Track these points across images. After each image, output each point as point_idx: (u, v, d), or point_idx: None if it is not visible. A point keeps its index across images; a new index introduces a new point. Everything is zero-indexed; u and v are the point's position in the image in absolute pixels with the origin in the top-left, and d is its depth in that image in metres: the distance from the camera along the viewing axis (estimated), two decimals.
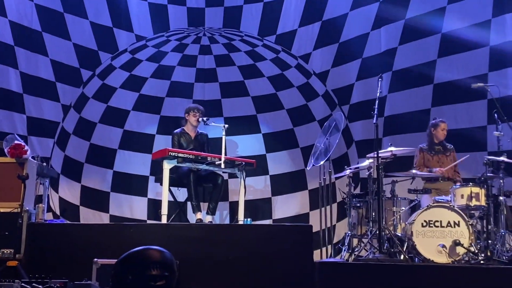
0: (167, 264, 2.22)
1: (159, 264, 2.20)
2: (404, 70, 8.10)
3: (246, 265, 5.24)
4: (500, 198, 5.79)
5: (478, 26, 7.52)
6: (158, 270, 2.18)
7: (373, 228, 6.00)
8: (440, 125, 6.84)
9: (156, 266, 2.18)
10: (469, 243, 5.59)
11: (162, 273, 2.19)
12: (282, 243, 5.37)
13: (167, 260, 2.24)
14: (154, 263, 2.19)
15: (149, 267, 2.17)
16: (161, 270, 2.19)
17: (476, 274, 5.16)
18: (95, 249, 5.17)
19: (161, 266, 2.19)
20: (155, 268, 2.18)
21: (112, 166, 8.60)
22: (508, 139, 6.20)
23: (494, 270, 5.20)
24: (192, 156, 6.47)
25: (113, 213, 8.41)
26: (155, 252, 2.24)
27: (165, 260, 2.23)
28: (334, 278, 5.24)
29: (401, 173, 6.40)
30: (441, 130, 6.83)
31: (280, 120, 8.76)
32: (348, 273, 5.30)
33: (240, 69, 8.89)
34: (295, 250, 5.33)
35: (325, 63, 8.67)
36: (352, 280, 5.17)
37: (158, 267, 2.19)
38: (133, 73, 8.83)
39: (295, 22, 8.70)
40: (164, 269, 2.20)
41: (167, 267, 2.22)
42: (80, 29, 8.52)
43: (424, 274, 5.24)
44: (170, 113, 8.72)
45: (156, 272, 2.18)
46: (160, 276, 2.18)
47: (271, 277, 5.19)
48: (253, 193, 8.40)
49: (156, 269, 2.18)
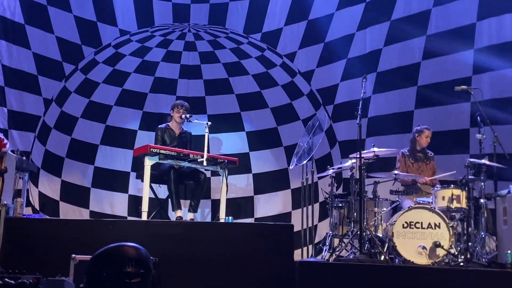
0: (142, 261, 2.18)
1: (135, 261, 2.16)
2: (388, 72, 8.10)
3: (227, 264, 5.22)
4: (481, 201, 5.80)
5: (463, 29, 7.54)
6: (133, 267, 2.14)
7: (354, 229, 6.01)
8: (425, 132, 6.85)
9: (131, 263, 2.14)
10: (449, 245, 5.61)
11: (137, 270, 2.15)
12: (262, 242, 5.35)
13: (142, 257, 2.20)
14: (129, 260, 2.15)
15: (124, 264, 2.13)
16: (136, 267, 2.15)
17: (455, 276, 5.17)
18: (73, 245, 5.09)
19: (136, 263, 2.15)
20: (130, 265, 2.14)
21: (93, 162, 8.51)
22: (490, 142, 6.22)
23: (474, 272, 5.22)
24: (174, 153, 6.42)
25: (93, 209, 8.34)
26: (131, 249, 2.19)
27: (141, 257, 2.19)
28: (314, 277, 5.23)
29: (383, 173, 6.42)
30: (425, 137, 6.85)
31: (264, 118, 8.74)
32: (328, 273, 5.28)
33: (224, 66, 8.86)
34: (276, 249, 5.32)
35: (310, 62, 8.66)
36: (332, 280, 5.16)
37: (133, 264, 2.15)
38: (116, 68, 8.75)
39: (281, 21, 8.68)
40: (139, 266, 2.16)
41: (143, 264, 2.18)
42: (64, 22, 8.41)
43: (404, 275, 5.24)
44: (153, 109, 8.68)
45: (131, 269, 2.14)
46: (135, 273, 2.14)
47: (251, 276, 5.17)
48: (235, 191, 8.36)
49: (131, 266, 2.14)
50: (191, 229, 5.58)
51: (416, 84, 7.86)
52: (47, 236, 5.35)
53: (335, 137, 8.53)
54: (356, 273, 5.21)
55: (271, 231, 5.56)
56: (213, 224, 6.66)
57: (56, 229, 5.49)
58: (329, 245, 6.31)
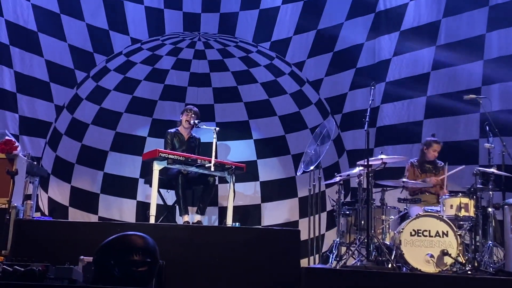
0: (149, 250, 2.21)
1: (142, 250, 2.18)
2: (397, 82, 8.13)
3: (233, 268, 5.21)
4: (489, 210, 5.80)
5: (473, 41, 7.56)
6: (140, 256, 2.17)
7: (361, 236, 6.00)
8: (433, 145, 6.85)
9: (138, 252, 2.17)
10: (457, 253, 5.59)
11: (144, 259, 2.17)
12: (269, 247, 5.34)
13: (149, 246, 2.22)
14: (137, 248, 2.17)
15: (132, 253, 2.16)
16: (143, 256, 2.17)
17: (463, 284, 5.13)
18: (81, 246, 5.11)
19: (143, 252, 2.18)
20: (138, 253, 2.17)
21: (103, 168, 8.57)
22: (498, 152, 6.21)
23: (481, 280, 5.19)
24: (182, 158, 6.46)
25: (102, 215, 8.37)
26: (138, 238, 2.22)
27: (148, 247, 2.22)
28: (321, 284, 5.20)
29: (391, 181, 6.41)
30: (433, 151, 6.85)
31: (272, 126, 8.77)
32: (334, 280, 5.25)
33: (233, 75, 8.91)
34: (282, 255, 5.30)
35: (319, 71, 8.69)
36: (339, 286, 5.14)
37: (140, 253, 2.17)
38: (127, 76, 8.83)
39: (290, 30, 8.73)
40: (146, 255, 2.19)
41: (150, 253, 2.20)
42: (76, 30, 8.49)
43: (411, 283, 5.21)
44: (163, 116, 8.73)
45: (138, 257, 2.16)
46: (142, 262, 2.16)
47: (257, 281, 5.16)
48: (242, 199, 8.37)
49: (139, 254, 2.17)
50: (198, 233, 5.58)
51: (426, 94, 7.87)
52: (56, 237, 5.38)
53: (343, 146, 8.54)
54: (362, 281, 5.18)
55: (278, 236, 5.55)
56: (220, 228, 6.68)
57: (65, 231, 5.51)
58: (336, 253, 6.30)
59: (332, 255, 6.30)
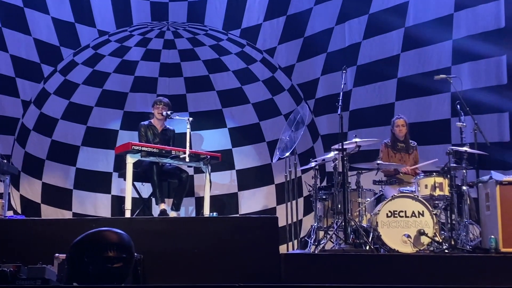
0: (124, 246, 2.15)
1: (116, 246, 2.12)
2: (368, 65, 8.16)
3: (212, 258, 5.17)
4: (463, 188, 5.85)
5: (441, 20, 7.60)
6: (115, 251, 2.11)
7: (338, 220, 6.01)
8: (396, 122, 6.90)
9: (113, 247, 2.11)
10: (434, 232, 5.64)
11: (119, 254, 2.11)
12: (247, 235, 5.30)
13: (124, 242, 2.17)
14: (111, 244, 2.11)
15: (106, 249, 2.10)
16: (118, 252, 2.11)
17: (440, 263, 5.19)
18: (56, 244, 5.01)
19: (118, 247, 2.12)
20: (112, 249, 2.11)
21: (75, 163, 8.45)
22: (470, 130, 6.26)
23: (458, 258, 5.26)
24: (156, 150, 6.39)
25: (76, 211, 8.26)
26: (112, 234, 2.16)
27: (123, 242, 2.16)
28: (300, 269, 5.21)
29: (366, 164, 6.42)
30: (397, 127, 6.88)
31: (246, 114, 8.73)
32: (313, 264, 5.28)
33: (204, 63, 8.83)
34: (261, 242, 5.27)
35: (290, 57, 8.68)
36: (318, 271, 5.15)
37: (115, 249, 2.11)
38: (96, 69, 8.69)
39: (260, 17, 8.67)
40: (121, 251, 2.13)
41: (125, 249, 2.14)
42: (41, 24, 8.34)
43: (390, 264, 5.26)
44: (134, 108, 8.63)
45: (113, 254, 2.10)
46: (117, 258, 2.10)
47: (237, 270, 5.13)
48: (219, 188, 8.33)
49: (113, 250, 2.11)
50: (175, 225, 5.53)
51: (396, 76, 7.91)
52: (29, 236, 5.27)
53: (317, 131, 8.55)
54: (341, 264, 5.21)
55: (256, 224, 5.52)
56: (197, 219, 6.64)
57: (38, 229, 5.40)
58: (314, 238, 6.30)
59: (311, 240, 6.30)
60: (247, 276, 5.05)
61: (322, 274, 5.10)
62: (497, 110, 7.07)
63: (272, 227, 5.38)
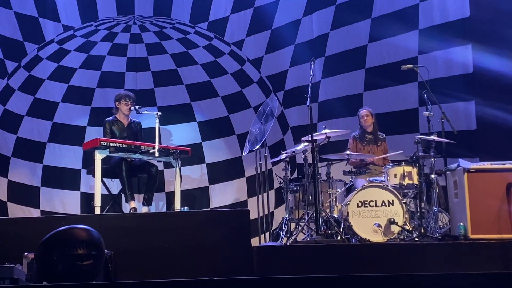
0: (94, 243, 2.12)
1: (86, 243, 2.09)
2: (336, 56, 8.20)
3: (184, 253, 5.16)
4: (432, 177, 5.92)
5: (407, 11, 7.67)
6: (84, 249, 2.07)
7: (309, 211, 6.03)
8: (360, 113, 7.01)
9: (82, 245, 2.07)
10: (404, 221, 5.70)
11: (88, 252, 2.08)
12: (219, 229, 5.30)
13: (94, 239, 2.13)
14: (80, 242, 2.08)
15: (75, 246, 2.06)
16: (87, 250, 2.08)
17: (411, 251, 5.26)
18: (25, 243, 4.92)
19: (87, 245, 2.09)
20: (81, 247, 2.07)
21: (42, 160, 8.29)
22: (437, 119, 6.34)
23: (428, 246, 5.32)
24: (124, 145, 6.32)
25: (44, 209, 8.13)
26: (81, 231, 2.13)
27: (92, 239, 2.13)
28: (272, 261, 5.22)
29: (335, 155, 6.46)
30: (362, 118, 6.96)
31: (215, 107, 8.69)
32: (286, 256, 5.30)
33: (172, 57, 8.75)
34: (233, 236, 5.28)
35: (258, 49, 8.66)
36: (290, 262, 5.17)
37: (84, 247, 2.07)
38: (61, 64, 8.54)
39: (227, 9, 8.63)
40: (91, 248, 2.09)
41: (94, 246, 2.11)
42: (4, 19, 8.17)
43: (361, 253, 5.30)
44: (102, 104, 8.50)
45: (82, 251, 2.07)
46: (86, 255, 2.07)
47: (209, 264, 5.12)
48: (189, 182, 8.29)
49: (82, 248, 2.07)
50: (146, 221, 5.50)
51: (364, 67, 7.96)
52: None
53: (287, 123, 8.57)
54: (313, 254, 5.23)
55: (227, 217, 5.52)
56: (168, 214, 6.59)
57: (6, 228, 5.31)
58: (286, 229, 6.31)
59: (282, 232, 6.31)
60: (220, 270, 5.04)
61: (295, 265, 5.11)
62: (464, 99, 7.17)
63: (244, 220, 5.38)
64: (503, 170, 5.46)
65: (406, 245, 5.46)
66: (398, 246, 5.45)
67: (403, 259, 5.17)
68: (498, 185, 5.35)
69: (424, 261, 5.11)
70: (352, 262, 5.12)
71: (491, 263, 5.04)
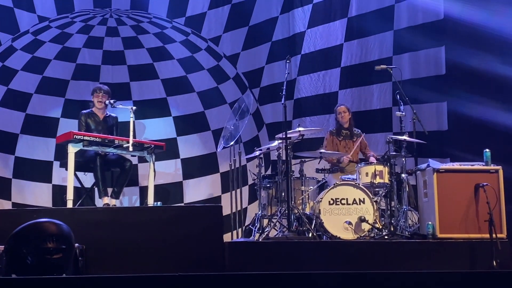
0: (63, 237, 2.13)
1: (55, 236, 2.10)
2: (312, 54, 8.28)
3: (156, 248, 5.15)
4: (403, 176, 6.01)
5: (383, 11, 7.77)
6: (54, 243, 2.08)
7: (282, 208, 6.08)
8: (337, 109, 7.05)
9: (52, 239, 2.08)
10: (374, 219, 5.78)
11: (58, 246, 2.09)
12: (192, 224, 5.30)
13: (64, 232, 2.14)
14: (50, 235, 2.09)
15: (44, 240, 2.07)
16: (57, 243, 2.09)
17: (380, 249, 5.35)
18: None
19: (57, 238, 2.09)
20: (51, 241, 2.08)
21: (14, 152, 8.19)
22: (409, 120, 6.44)
23: (397, 244, 5.42)
24: (98, 139, 6.26)
25: (16, 201, 8.02)
26: (51, 225, 2.13)
27: (62, 233, 2.13)
28: (244, 257, 5.27)
29: (309, 152, 6.52)
30: (339, 114, 7.00)
31: (190, 103, 8.66)
32: (257, 252, 5.34)
33: (149, 51, 8.70)
34: (205, 231, 5.28)
35: (235, 46, 8.68)
36: (262, 258, 5.22)
37: (54, 240, 2.08)
38: (35, 55, 8.44)
39: (205, 5, 8.62)
40: (60, 242, 2.10)
41: (64, 239, 2.12)
42: None
43: (332, 250, 5.38)
44: (76, 96, 8.41)
45: (52, 245, 2.07)
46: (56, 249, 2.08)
47: (181, 259, 5.13)
48: (163, 177, 8.26)
49: (52, 242, 2.08)
50: (118, 215, 5.47)
51: (340, 65, 8.04)
52: None
53: (262, 120, 8.60)
54: (285, 251, 5.29)
55: (200, 213, 5.53)
56: (140, 208, 6.58)
57: None
58: (259, 226, 6.36)
59: (255, 228, 6.36)
60: (192, 265, 5.06)
61: (266, 261, 5.16)
62: (436, 100, 7.28)
63: (217, 215, 5.40)
64: (471, 171, 5.56)
65: (376, 242, 5.55)
66: (368, 243, 5.54)
67: (373, 256, 5.26)
68: (466, 186, 5.45)
69: (393, 259, 5.21)
70: (323, 259, 5.19)
71: (458, 262, 5.16)
